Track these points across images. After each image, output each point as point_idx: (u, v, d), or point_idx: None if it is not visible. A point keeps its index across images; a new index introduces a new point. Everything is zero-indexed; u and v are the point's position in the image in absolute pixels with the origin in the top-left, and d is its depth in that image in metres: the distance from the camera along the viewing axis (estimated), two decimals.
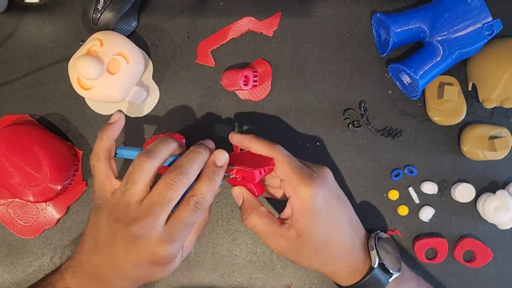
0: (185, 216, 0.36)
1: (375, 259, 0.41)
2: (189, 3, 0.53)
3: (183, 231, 0.37)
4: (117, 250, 0.36)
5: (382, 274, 0.41)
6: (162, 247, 0.35)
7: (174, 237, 0.36)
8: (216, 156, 0.39)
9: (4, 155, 0.46)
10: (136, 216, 0.35)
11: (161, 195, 0.36)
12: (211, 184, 0.38)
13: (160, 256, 0.36)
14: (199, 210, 0.37)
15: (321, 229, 0.39)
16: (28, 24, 0.53)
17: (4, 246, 0.51)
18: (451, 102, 0.50)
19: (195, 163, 0.37)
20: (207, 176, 0.38)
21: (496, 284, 0.52)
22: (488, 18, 0.46)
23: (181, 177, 0.36)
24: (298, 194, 0.39)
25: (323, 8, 0.53)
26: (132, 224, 0.35)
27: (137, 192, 0.36)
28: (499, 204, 0.50)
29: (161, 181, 0.36)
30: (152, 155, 0.37)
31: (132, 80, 0.47)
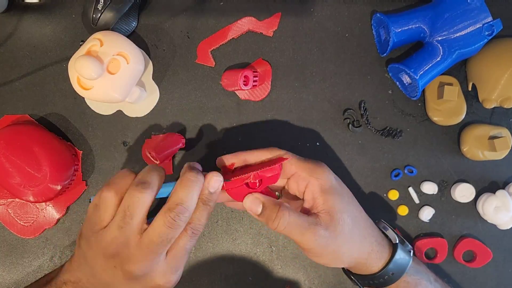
0: (184, 245, 0.36)
1: (394, 236, 0.42)
2: (189, 3, 0.53)
3: (184, 258, 0.37)
4: (117, 281, 0.36)
5: (403, 249, 0.41)
6: (166, 279, 0.36)
7: (176, 266, 0.37)
8: (210, 182, 0.37)
9: (4, 155, 0.46)
10: (137, 256, 0.35)
11: (161, 235, 0.34)
12: (207, 210, 0.37)
13: (165, 287, 0.37)
14: (196, 236, 0.37)
15: (345, 207, 0.40)
16: (28, 24, 0.53)
17: (4, 246, 0.51)
18: (451, 102, 0.50)
19: (194, 196, 0.36)
20: (202, 203, 0.37)
21: (496, 284, 0.52)
22: (488, 18, 0.46)
23: (182, 216, 0.35)
24: (315, 176, 0.40)
25: (323, 8, 0.53)
26: (133, 263, 0.35)
27: (136, 226, 0.35)
28: (499, 204, 0.50)
29: (161, 218, 0.35)
30: (148, 186, 0.35)
31: (132, 80, 0.47)
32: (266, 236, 0.51)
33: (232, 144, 0.52)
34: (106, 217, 0.35)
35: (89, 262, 0.37)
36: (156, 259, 0.35)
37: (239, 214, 0.51)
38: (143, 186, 0.35)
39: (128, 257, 0.35)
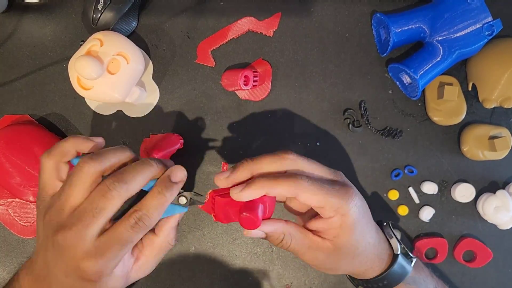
0: (121, 233, 0.32)
1: (397, 245, 0.41)
2: (189, 3, 0.53)
3: (116, 249, 0.32)
4: (50, 255, 0.33)
5: (405, 259, 0.41)
6: (86, 262, 0.31)
7: (102, 253, 0.32)
8: (173, 170, 0.34)
9: (4, 155, 0.46)
10: (65, 223, 0.32)
11: (92, 202, 0.31)
12: (160, 200, 0.33)
13: (84, 272, 0.32)
14: (140, 229, 0.32)
15: (361, 237, 0.38)
16: (28, 24, 0.53)
17: (4, 246, 0.51)
18: (451, 102, 0.50)
19: (139, 174, 0.33)
20: (156, 191, 0.33)
21: (496, 284, 0.52)
22: (488, 18, 0.46)
23: (118, 185, 0.31)
24: (341, 213, 0.36)
25: (323, 8, 0.53)
26: (59, 230, 0.32)
27: (73, 195, 0.32)
28: (499, 204, 0.50)
29: (96, 188, 0.32)
30: (96, 158, 0.33)
31: (132, 80, 0.47)
32: None
33: (232, 144, 0.52)
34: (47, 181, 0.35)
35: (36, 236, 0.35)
36: (83, 232, 0.31)
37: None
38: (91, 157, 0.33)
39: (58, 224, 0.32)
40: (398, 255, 0.40)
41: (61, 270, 0.33)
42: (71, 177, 0.33)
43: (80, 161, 0.33)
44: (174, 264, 0.51)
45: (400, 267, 0.40)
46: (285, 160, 0.36)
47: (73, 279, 0.32)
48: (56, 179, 0.35)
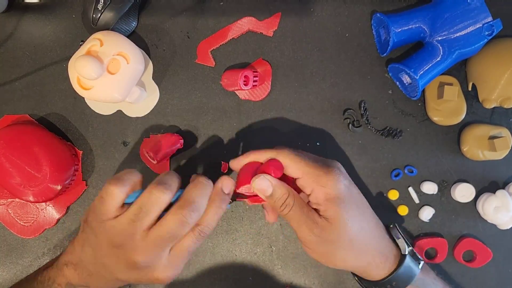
0: (190, 245, 0.37)
1: (404, 246, 0.41)
2: (189, 3, 0.53)
3: (186, 258, 0.38)
4: (120, 273, 0.37)
5: (412, 261, 0.41)
6: (165, 275, 0.37)
7: (177, 264, 0.37)
8: (224, 183, 0.39)
9: (4, 155, 0.46)
10: (141, 247, 0.35)
11: (171, 231, 0.35)
12: (218, 213, 0.38)
13: (162, 282, 0.37)
14: (202, 238, 0.37)
15: (351, 217, 0.38)
16: (28, 24, 0.53)
17: (4, 246, 0.51)
18: (451, 102, 0.50)
19: (205, 197, 0.37)
20: (215, 206, 0.37)
21: (496, 284, 0.52)
22: (488, 18, 0.46)
23: (193, 214, 0.36)
24: (321, 184, 0.38)
25: (323, 8, 0.53)
26: (138, 254, 0.35)
27: (147, 222, 0.35)
28: (499, 204, 0.50)
29: (172, 216, 0.35)
30: (168, 187, 0.36)
31: (132, 80, 0.47)
32: (266, 236, 0.51)
33: (231, 144, 0.52)
34: (111, 210, 0.36)
35: (93, 246, 0.37)
36: (161, 253, 0.36)
37: (239, 214, 0.51)
38: (164, 186, 0.36)
39: (133, 249, 0.35)
40: (405, 255, 0.40)
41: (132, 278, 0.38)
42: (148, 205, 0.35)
43: (154, 190, 0.36)
44: None
45: (408, 268, 0.40)
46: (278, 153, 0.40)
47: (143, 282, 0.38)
48: (121, 206, 0.37)
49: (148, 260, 0.36)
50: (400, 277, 0.40)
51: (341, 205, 0.38)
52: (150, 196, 0.36)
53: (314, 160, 0.40)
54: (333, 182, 0.38)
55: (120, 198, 0.36)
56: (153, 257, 0.36)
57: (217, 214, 0.37)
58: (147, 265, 0.36)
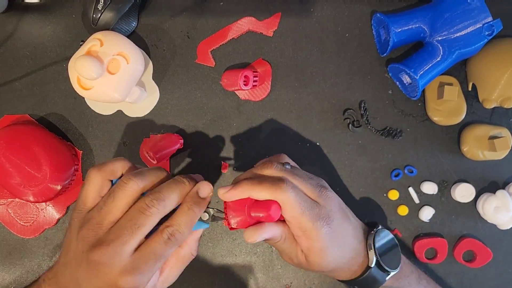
0: (156, 248, 0.33)
1: (373, 258, 0.41)
2: (189, 3, 0.53)
3: (151, 263, 0.33)
4: (81, 271, 0.33)
5: (378, 272, 0.41)
6: (124, 278, 0.32)
7: (139, 268, 0.33)
8: (200, 186, 0.36)
9: (4, 155, 0.46)
10: (103, 239, 0.32)
11: (132, 219, 0.32)
12: (190, 216, 0.34)
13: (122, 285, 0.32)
14: (172, 243, 0.33)
15: (330, 260, 0.39)
16: (28, 24, 0.53)
17: (4, 246, 0.51)
18: (451, 102, 0.50)
19: (174, 192, 0.34)
20: (186, 207, 0.35)
21: (496, 284, 0.52)
22: (488, 18, 0.46)
23: (156, 202, 0.33)
24: (307, 235, 0.37)
25: (323, 8, 0.53)
26: (96, 246, 0.32)
27: (113, 210, 0.33)
28: (499, 204, 0.50)
29: (135, 204, 0.33)
30: (139, 175, 0.34)
31: (132, 80, 0.47)
32: None
33: (231, 144, 0.52)
34: (90, 196, 0.35)
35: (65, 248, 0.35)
36: (121, 248, 0.32)
37: None
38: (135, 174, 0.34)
39: (95, 241, 0.33)
40: (370, 268, 0.41)
41: (95, 286, 0.33)
42: (114, 192, 0.34)
43: (124, 178, 0.34)
44: None
45: (371, 279, 0.41)
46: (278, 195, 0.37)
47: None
48: (98, 195, 0.35)
49: (107, 256, 0.32)
50: (363, 284, 0.42)
51: (322, 256, 0.38)
52: (119, 183, 0.34)
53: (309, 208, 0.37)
54: (319, 237, 0.37)
55: (97, 183, 0.35)
56: (111, 251, 0.32)
57: (188, 216, 0.34)
58: (106, 262, 0.32)
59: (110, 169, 0.36)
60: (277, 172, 0.39)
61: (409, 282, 0.44)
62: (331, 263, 0.39)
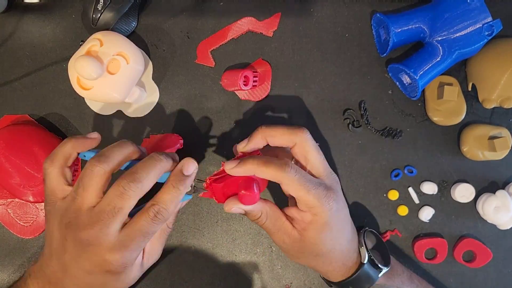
0: (143, 226, 0.34)
1: (365, 255, 0.42)
2: (189, 3, 0.53)
3: (138, 240, 0.34)
4: (68, 256, 0.34)
5: (371, 269, 0.42)
6: (113, 255, 0.33)
7: (127, 245, 0.34)
8: (184, 164, 0.36)
9: (4, 155, 0.46)
10: (86, 223, 0.33)
11: (110, 203, 0.33)
12: (175, 194, 0.35)
13: (111, 265, 0.34)
14: (158, 221, 0.34)
15: (328, 240, 0.39)
16: (28, 24, 0.53)
17: (4, 246, 0.51)
18: (451, 102, 0.50)
19: (151, 171, 0.34)
20: (171, 185, 0.35)
21: (496, 284, 0.52)
22: (488, 18, 0.46)
23: (133, 185, 0.33)
24: (312, 212, 0.37)
25: (323, 8, 0.53)
26: (82, 230, 0.33)
27: (88, 198, 0.34)
28: (499, 204, 0.50)
29: (112, 188, 0.34)
30: (104, 159, 0.34)
31: (132, 80, 0.47)
32: (266, 236, 0.51)
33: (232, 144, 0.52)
34: (54, 189, 0.36)
35: (48, 239, 0.36)
36: (106, 230, 0.33)
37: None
38: (98, 159, 0.34)
39: (78, 225, 0.34)
40: (363, 264, 0.42)
41: (83, 269, 0.34)
42: (82, 180, 0.34)
43: (88, 164, 0.34)
44: (174, 264, 0.51)
45: (365, 276, 0.42)
46: (296, 136, 0.38)
47: (97, 275, 0.34)
48: (64, 183, 0.36)
49: (92, 236, 0.33)
50: (356, 282, 0.42)
51: (321, 233, 0.38)
52: (85, 170, 0.34)
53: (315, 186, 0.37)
54: (326, 213, 0.37)
55: (57, 174, 0.36)
56: (96, 233, 0.33)
57: (173, 194, 0.35)
58: (92, 242, 0.33)
59: (62, 156, 0.36)
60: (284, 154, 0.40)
61: (402, 280, 0.44)
62: (327, 244, 0.39)
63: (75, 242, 0.34)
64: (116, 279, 0.35)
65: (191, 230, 0.51)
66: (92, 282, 0.35)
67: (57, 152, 0.36)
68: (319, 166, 0.39)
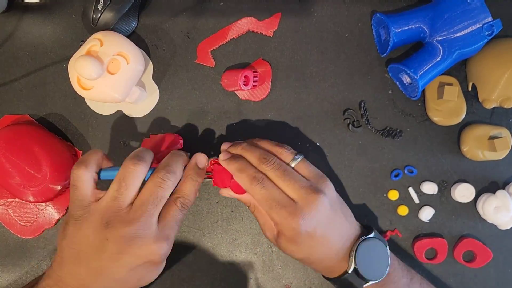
0: (175, 215, 0.38)
1: (351, 265, 0.41)
2: (189, 3, 0.53)
3: (175, 229, 0.38)
4: (107, 256, 0.35)
5: (355, 279, 0.42)
6: (158, 245, 0.36)
7: (168, 234, 0.37)
8: (198, 158, 0.41)
9: (4, 155, 0.46)
10: (129, 218, 0.36)
11: (152, 194, 0.37)
12: (194, 185, 0.40)
13: (157, 255, 0.36)
14: (185, 210, 0.39)
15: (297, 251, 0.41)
16: (28, 24, 0.53)
17: (4, 246, 0.51)
18: (451, 102, 0.50)
19: (179, 163, 0.40)
20: (190, 178, 0.40)
21: (496, 284, 0.52)
22: (488, 18, 0.46)
23: (169, 175, 0.38)
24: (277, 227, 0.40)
25: (323, 8, 0.53)
26: (127, 226, 0.35)
27: (129, 196, 0.37)
28: (499, 204, 0.50)
29: (150, 181, 0.38)
30: (142, 159, 0.38)
31: (132, 80, 0.47)
32: None
33: None
34: (88, 193, 0.37)
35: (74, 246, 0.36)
36: (150, 220, 0.36)
37: (239, 214, 0.51)
38: (138, 159, 0.37)
39: (121, 222, 0.36)
40: (347, 273, 0.41)
41: (125, 266, 0.36)
42: (126, 179, 0.37)
43: (129, 164, 0.37)
44: (174, 264, 0.51)
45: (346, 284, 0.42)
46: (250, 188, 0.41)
47: (137, 270, 0.37)
48: (95, 187, 0.38)
49: (137, 229, 0.35)
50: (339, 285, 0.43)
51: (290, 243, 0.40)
52: (127, 170, 0.37)
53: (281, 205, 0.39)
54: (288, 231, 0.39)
55: (90, 179, 0.38)
56: (142, 225, 0.36)
57: (193, 186, 0.40)
58: (139, 235, 0.35)
59: (95, 163, 0.39)
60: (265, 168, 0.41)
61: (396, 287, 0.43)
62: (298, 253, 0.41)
63: (119, 239, 0.35)
64: (155, 270, 0.38)
65: (191, 230, 0.51)
66: (129, 279, 0.37)
67: (90, 159, 0.39)
68: (290, 193, 0.40)
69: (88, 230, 0.36)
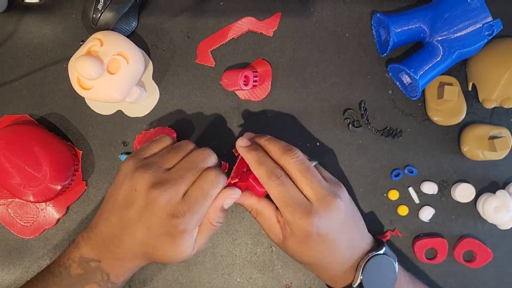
0: (204, 186, 0.38)
1: (357, 280, 0.41)
2: (189, 3, 0.53)
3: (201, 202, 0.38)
4: (132, 212, 0.37)
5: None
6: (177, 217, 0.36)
7: (191, 207, 0.37)
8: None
9: (4, 155, 0.46)
10: (164, 178, 0.37)
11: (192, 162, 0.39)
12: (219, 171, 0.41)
13: (174, 224, 0.37)
14: (217, 183, 0.39)
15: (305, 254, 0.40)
16: (28, 24, 0.53)
17: (4, 246, 0.51)
18: (451, 102, 0.50)
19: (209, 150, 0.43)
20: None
21: (496, 284, 0.52)
22: (488, 18, 0.46)
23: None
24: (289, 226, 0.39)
25: (323, 8, 0.53)
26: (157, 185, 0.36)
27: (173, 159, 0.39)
28: (499, 204, 0.50)
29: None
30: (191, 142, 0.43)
31: (132, 80, 0.47)
32: (266, 236, 0.51)
33: (232, 144, 0.52)
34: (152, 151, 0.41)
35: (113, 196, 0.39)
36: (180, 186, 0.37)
37: (239, 214, 0.51)
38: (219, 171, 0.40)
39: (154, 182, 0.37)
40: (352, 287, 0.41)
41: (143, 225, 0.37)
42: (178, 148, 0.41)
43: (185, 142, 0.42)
44: (174, 264, 0.51)
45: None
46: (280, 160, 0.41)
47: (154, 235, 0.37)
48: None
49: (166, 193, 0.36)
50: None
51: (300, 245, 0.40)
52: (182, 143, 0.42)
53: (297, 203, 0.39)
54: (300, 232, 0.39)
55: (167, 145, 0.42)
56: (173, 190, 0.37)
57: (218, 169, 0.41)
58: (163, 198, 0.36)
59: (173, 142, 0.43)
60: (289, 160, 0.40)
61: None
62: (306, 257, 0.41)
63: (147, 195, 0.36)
64: (172, 243, 0.37)
65: None
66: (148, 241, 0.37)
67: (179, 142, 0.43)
68: (308, 191, 0.39)
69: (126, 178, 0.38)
